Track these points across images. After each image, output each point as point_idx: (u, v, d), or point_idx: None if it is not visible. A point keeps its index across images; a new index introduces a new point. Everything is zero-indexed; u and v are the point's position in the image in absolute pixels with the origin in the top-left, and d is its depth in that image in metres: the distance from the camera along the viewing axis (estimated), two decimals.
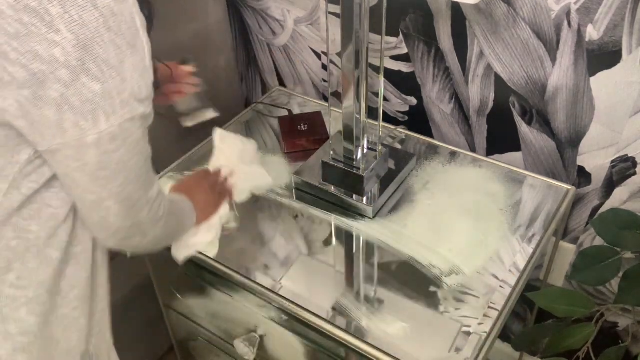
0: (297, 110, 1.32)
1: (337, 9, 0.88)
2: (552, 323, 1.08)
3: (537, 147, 1.15)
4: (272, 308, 0.94)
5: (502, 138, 1.19)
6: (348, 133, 1.02)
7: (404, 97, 1.26)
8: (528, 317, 1.37)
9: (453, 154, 1.16)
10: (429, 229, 1.00)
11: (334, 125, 1.13)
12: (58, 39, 0.54)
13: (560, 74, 1.03)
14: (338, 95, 1.00)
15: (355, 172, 1.04)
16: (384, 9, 0.89)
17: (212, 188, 1.00)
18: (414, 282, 0.92)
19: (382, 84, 1.04)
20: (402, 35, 1.18)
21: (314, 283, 0.94)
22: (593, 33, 0.96)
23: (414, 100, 1.26)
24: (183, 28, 1.30)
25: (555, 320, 1.08)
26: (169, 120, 0.96)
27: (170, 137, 1.18)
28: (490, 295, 0.89)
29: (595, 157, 1.09)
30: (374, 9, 0.90)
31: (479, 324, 0.85)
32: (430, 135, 1.26)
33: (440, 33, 1.13)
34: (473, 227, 0.99)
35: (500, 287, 0.90)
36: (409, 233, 0.99)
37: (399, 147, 1.18)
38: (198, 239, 0.97)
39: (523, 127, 1.14)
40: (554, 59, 1.02)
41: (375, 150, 1.07)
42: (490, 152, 1.22)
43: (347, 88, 0.96)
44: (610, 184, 1.10)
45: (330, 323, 0.87)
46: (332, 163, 1.06)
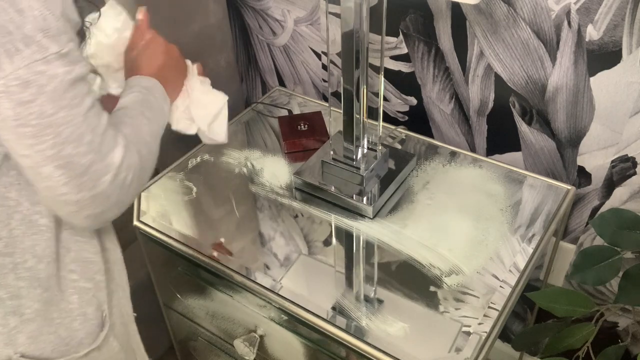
0: (297, 110, 1.32)
1: (337, 9, 0.88)
2: (552, 323, 1.08)
3: (537, 147, 1.15)
4: (272, 308, 0.94)
5: (502, 138, 1.19)
6: (348, 133, 1.02)
7: (404, 97, 1.27)
8: (528, 317, 1.38)
9: (453, 154, 1.16)
10: (429, 229, 1.00)
11: (334, 125, 1.13)
12: None
13: (560, 74, 1.03)
14: (338, 95, 1.00)
15: (355, 172, 1.04)
16: (384, 9, 0.89)
17: (167, 50, 0.86)
18: (414, 282, 0.92)
19: (382, 84, 1.04)
20: (402, 35, 1.18)
21: (314, 283, 0.95)
22: (593, 33, 0.97)
23: (414, 100, 1.26)
24: (183, 28, 1.30)
25: (555, 320, 1.08)
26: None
27: (170, 136, 1.18)
28: (490, 295, 0.89)
29: (595, 157, 1.09)
30: (374, 9, 0.90)
31: (479, 324, 0.85)
32: (430, 135, 1.26)
33: (440, 33, 1.13)
34: (473, 227, 0.99)
35: (500, 287, 0.90)
36: (409, 233, 0.99)
37: (399, 147, 1.18)
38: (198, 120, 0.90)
39: (523, 127, 1.14)
40: (554, 59, 1.02)
41: (375, 150, 1.07)
42: (490, 152, 1.22)
43: (347, 88, 0.96)
44: (610, 184, 1.10)
45: (330, 323, 0.87)
46: (332, 163, 1.06)
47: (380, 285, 0.93)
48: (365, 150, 1.05)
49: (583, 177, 1.12)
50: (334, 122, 1.13)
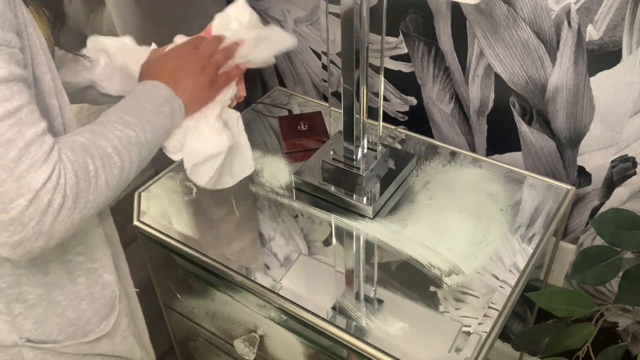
0: (297, 110, 1.32)
1: (337, 9, 0.88)
2: (552, 323, 1.09)
3: (537, 147, 1.15)
4: (272, 308, 0.94)
5: (502, 138, 1.19)
6: (348, 133, 1.02)
7: (404, 97, 1.27)
8: (528, 317, 1.38)
9: (453, 154, 1.16)
10: (429, 229, 1.00)
11: (334, 125, 1.13)
12: None
13: (560, 74, 1.03)
14: (338, 95, 1.00)
15: (355, 172, 1.04)
16: (384, 9, 0.89)
17: (204, 65, 0.80)
18: (414, 282, 0.92)
19: (382, 84, 1.04)
20: (402, 35, 1.18)
21: (314, 283, 0.95)
22: (593, 33, 0.97)
23: (414, 100, 1.26)
24: (183, 28, 1.30)
25: (555, 320, 1.08)
26: None
27: None
28: (490, 295, 0.89)
29: (595, 157, 1.09)
30: (374, 9, 0.90)
31: (479, 324, 0.85)
32: (430, 135, 1.26)
33: (440, 33, 1.13)
34: (473, 227, 0.99)
35: (500, 287, 0.90)
36: (409, 233, 0.99)
37: (399, 147, 1.18)
38: (203, 148, 0.78)
39: (523, 127, 1.14)
40: (554, 59, 1.02)
41: (375, 150, 1.07)
42: (490, 152, 1.22)
43: (347, 88, 0.96)
44: (610, 184, 1.10)
45: (330, 323, 0.87)
46: (332, 163, 1.06)
47: (380, 285, 0.93)
48: (365, 150, 1.05)
49: (583, 177, 1.12)
50: (334, 122, 1.13)
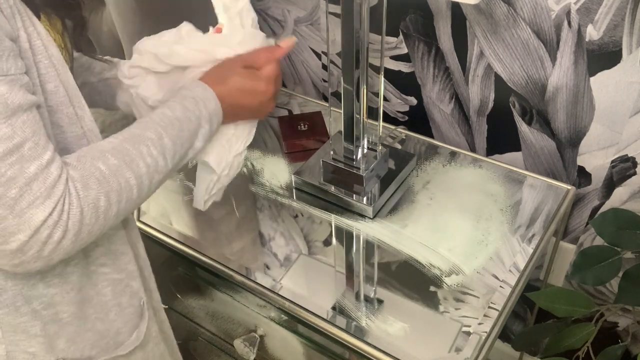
0: (297, 110, 1.32)
1: (337, 9, 0.88)
2: (552, 323, 1.09)
3: (537, 147, 1.15)
4: (272, 308, 0.94)
5: (502, 138, 1.19)
6: (348, 133, 1.02)
7: (404, 97, 1.27)
8: (528, 317, 1.38)
9: (453, 154, 1.16)
10: (429, 229, 1.00)
11: (334, 125, 1.13)
12: None
13: (560, 74, 1.03)
14: (338, 95, 1.00)
15: (355, 172, 1.04)
16: (384, 9, 0.89)
17: (266, 106, 0.78)
18: (414, 282, 0.92)
19: (382, 84, 1.04)
20: (402, 35, 1.18)
21: (314, 283, 0.95)
22: (593, 33, 0.97)
23: (414, 100, 1.26)
24: None
25: (555, 320, 1.08)
26: None
27: None
28: (490, 295, 0.89)
29: (595, 157, 1.09)
30: (374, 9, 0.90)
31: (479, 324, 0.85)
32: (430, 135, 1.26)
33: (440, 33, 1.13)
34: (473, 227, 0.99)
35: (500, 287, 0.90)
36: (409, 233, 0.99)
37: (399, 147, 1.18)
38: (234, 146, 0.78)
39: (523, 127, 1.14)
40: (554, 59, 1.02)
41: (375, 150, 1.07)
42: (490, 152, 1.22)
43: (347, 88, 0.96)
44: (610, 184, 1.10)
45: (330, 323, 0.87)
46: (332, 163, 1.06)
47: (380, 285, 0.93)
48: (365, 150, 1.05)
49: (583, 177, 1.12)
50: (334, 122, 1.13)
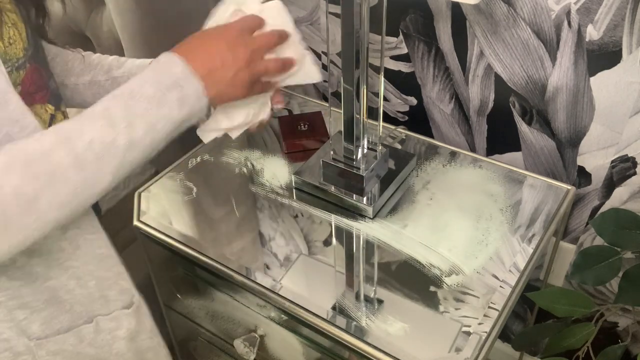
0: (297, 110, 1.32)
1: (337, 9, 0.88)
2: (552, 323, 1.09)
3: (537, 147, 1.15)
4: (272, 308, 0.94)
5: (502, 138, 1.19)
6: (348, 133, 1.02)
7: (404, 97, 1.27)
8: (528, 317, 1.38)
9: (453, 154, 1.16)
10: (429, 229, 1.00)
11: (334, 125, 1.13)
12: None
13: (560, 74, 1.03)
14: (338, 95, 1.00)
15: (355, 172, 1.04)
16: (384, 9, 0.89)
17: (254, 59, 0.72)
18: (414, 282, 0.92)
19: (382, 84, 1.04)
20: (402, 35, 1.18)
21: (314, 283, 0.95)
22: (593, 33, 0.97)
23: (414, 100, 1.26)
24: (183, 28, 1.30)
25: (555, 320, 1.08)
26: None
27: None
28: (490, 295, 0.89)
29: (595, 157, 1.09)
30: (374, 9, 0.90)
31: (479, 324, 0.85)
32: (430, 135, 1.26)
33: (440, 33, 1.13)
34: (473, 227, 0.99)
35: (500, 287, 0.90)
36: (409, 233, 0.99)
37: (399, 147, 1.18)
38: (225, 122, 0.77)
39: (523, 127, 1.14)
40: (554, 59, 1.03)
41: (375, 150, 1.07)
42: (490, 152, 1.22)
43: (347, 88, 0.96)
44: (610, 184, 1.10)
45: (330, 323, 0.87)
46: (332, 163, 1.06)
47: (380, 285, 0.93)
48: (365, 150, 1.05)
49: (583, 177, 1.12)
50: (334, 122, 1.13)
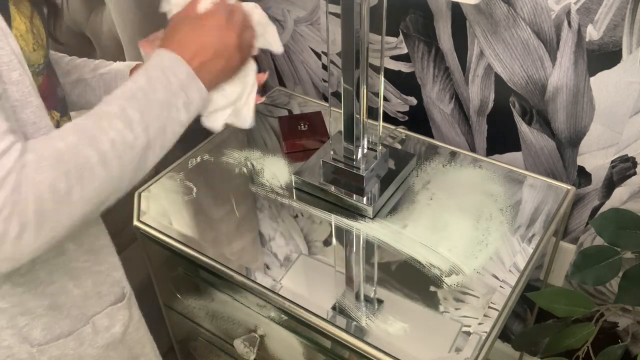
0: (297, 110, 1.32)
1: (337, 9, 0.88)
2: (552, 323, 1.09)
3: (537, 147, 1.15)
4: (272, 308, 0.94)
5: (502, 138, 1.19)
6: (348, 133, 1.02)
7: (404, 97, 1.27)
8: (528, 317, 1.38)
9: (453, 154, 1.16)
10: (429, 229, 1.00)
11: (334, 125, 1.13)
12: None
13: (560, 74, 1.03)
14: (338, 95, 1.00)
15: (355, 172, 1.04)
16: (384, 9, 0.89)
17: (240, 44, 0.69)
18: (414, 282, 0.92)
19: (382, 84, 1.04)
20: (402, 35, 1.18)
21: (314, 283, 0.95)
22: (593, 33, 0.97)
23: (414, 100, 1.26)
24: None
25: (555, 320, 1.08)
26: None
27: None
28: (490, 295, 0.89)
29: (595, 157, 1.09)
30: (374, 9, 0.90)
31: (479, 324, 0.85)
32: (430, 135, 1.26)
33: (440, 33, 1.13)
34: (473, 227, 0.99)
35: (500, 287, 0.90)
36: (409, 233, 0.99)
37: (399, 147, 1.18)
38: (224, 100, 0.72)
39: (523, 127, 1.14)
40: (554, 59, 1.03)
41: (375, 150, 1.07)
42: (490, 152, 1.22)
43: (347, 88, 0.96)
44: (610, 184, 1.10)
45: (330, 323, 0.87)
46: (332, 163, 1.06)
47: (380, 285, 0.93)
48: (365, 150, 1.05)
49: (583, 177, 1.12)
50: (334, 122, 1.13)
